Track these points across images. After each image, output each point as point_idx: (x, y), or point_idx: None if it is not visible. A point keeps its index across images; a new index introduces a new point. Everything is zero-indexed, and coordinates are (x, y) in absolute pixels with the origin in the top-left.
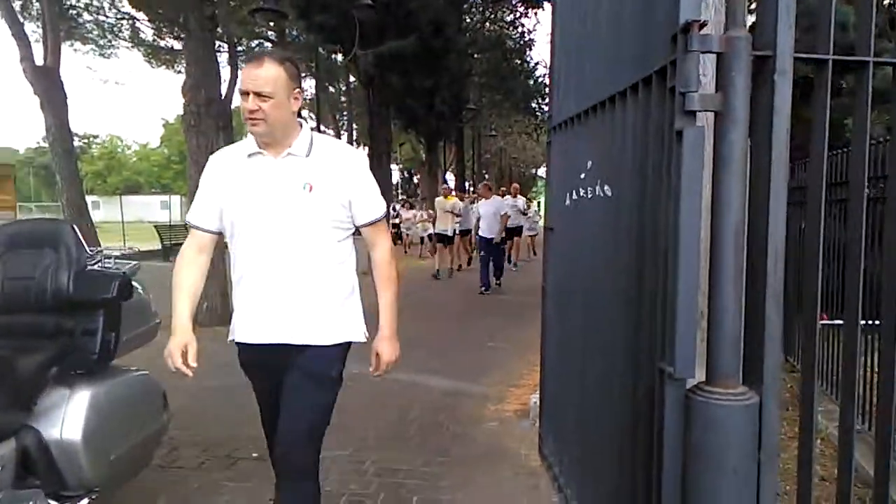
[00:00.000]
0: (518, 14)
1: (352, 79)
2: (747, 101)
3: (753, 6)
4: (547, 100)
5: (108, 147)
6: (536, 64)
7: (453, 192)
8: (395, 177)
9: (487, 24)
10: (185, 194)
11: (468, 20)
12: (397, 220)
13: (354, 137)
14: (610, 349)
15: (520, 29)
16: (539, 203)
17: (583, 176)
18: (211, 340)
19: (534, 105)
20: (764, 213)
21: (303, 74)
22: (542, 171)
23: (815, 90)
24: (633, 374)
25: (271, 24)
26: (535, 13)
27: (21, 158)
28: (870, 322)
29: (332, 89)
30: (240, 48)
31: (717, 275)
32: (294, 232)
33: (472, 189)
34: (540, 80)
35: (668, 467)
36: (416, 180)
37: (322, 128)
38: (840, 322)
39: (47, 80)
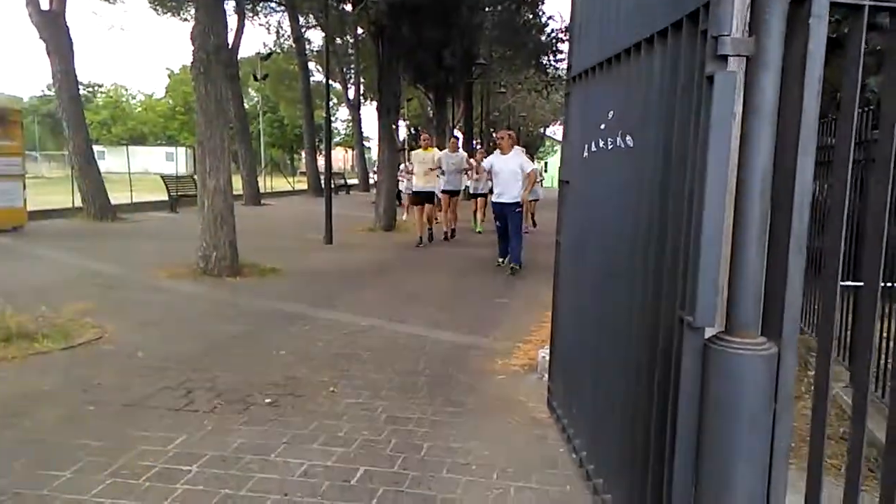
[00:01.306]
0: None
1: (360, 31)
2: (781, 45)
3: None
4: (558, 56)
5: (112, 96)
6: (549, 17)
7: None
8: (402, 133)
9: None
10: (191, 145)
11: None
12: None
13: (361, 91)
14: (628, 300)
15: None
16: (546, 164)
17: (603, 127)
18: (224, 290)
19: (544, 61)
20: (792, 162)
21: (311, 25)
22: (549, 131)
23: (849, 37)
24: (652, 325)
25: None
26: None
27: (26, 106)
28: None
29: (339, 41)
30: None
31: (741, 224)
32: None
33: (478, 146)
34: (552, 34)
35: (684, 415)
36: (422, 137)
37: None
38: (858, 284)
39: (53, 25)
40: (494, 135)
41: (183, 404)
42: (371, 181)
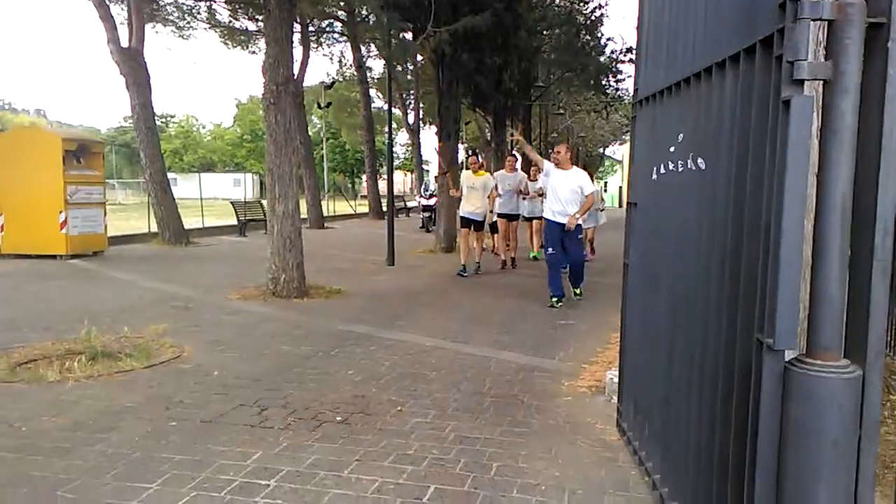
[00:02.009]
0: None
1: (419, 58)
2: (860, 69)
3: None
4: (618, 77)
5: (184, 126)
6: (609, 39)
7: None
8: (461, 156)
9: None
10: (257, 172)
11: None
12: (432, 202)
13: (420, 116)
14: (702, 323)
15: (590, 4)
16: (605, 183)
17: (672, 149)
18: (293, 311)
19: (604, 82)
20: (873, 185)
21: (373, 54)
22: (609, 151)
23: None
24: (729, 348)
25: (341, 3)
26: None
27: (104, 137)
28: None
29: (398, 68)
30: (311, 28)
31: (822, 246)
32: None
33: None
34: (612, 55)
35: (764, 440)
36: (480, 159)
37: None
38: None
39: (133, 61)
40: (551, 152)
41: (258, 421)
42: (416, 203)
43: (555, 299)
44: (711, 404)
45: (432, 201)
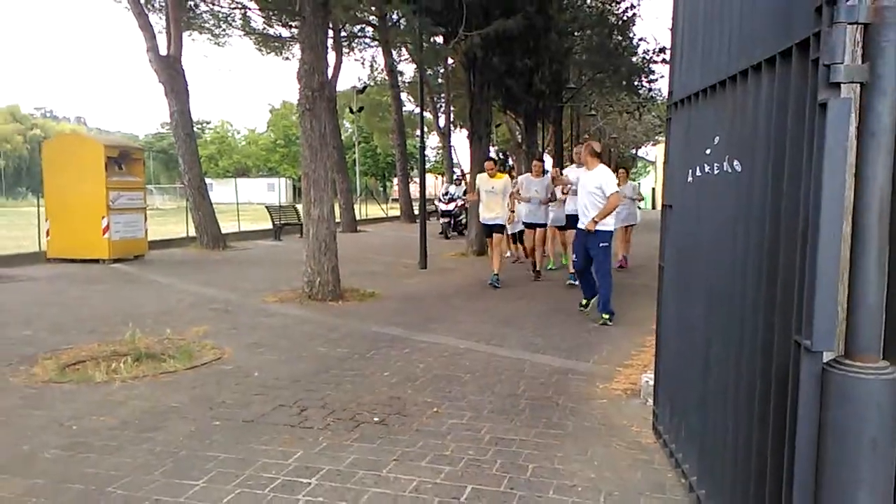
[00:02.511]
0: None
1: (450, 61)
2: None
3: None
4: (651, 77)
5: (219, 132)
6: (640, 40)
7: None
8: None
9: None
10: (290, 176)
11: None
12: (451, 207)
13: (451, 119)
14: (739, 325)
15: (622, 5)
16: (639, 185)
17: (708, 152)
18: (328, 314)
19: (636, 83)
20: None
21: (404, 59)
22: (642, 152)
23: None
24: (766, 350)
25: (373, 8)
26: None
27: (142, 144)
28: None
29: (429, 72)
30: (343, 33)
31: (860, 247)
32: None
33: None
34: (644, 56)
35: (802, 441)
36: (510, 162)
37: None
38: None
39: (171, 69)
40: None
41: (298, 421)
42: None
43: (584, 302)
44: (748, 406)
45: (451, 206)
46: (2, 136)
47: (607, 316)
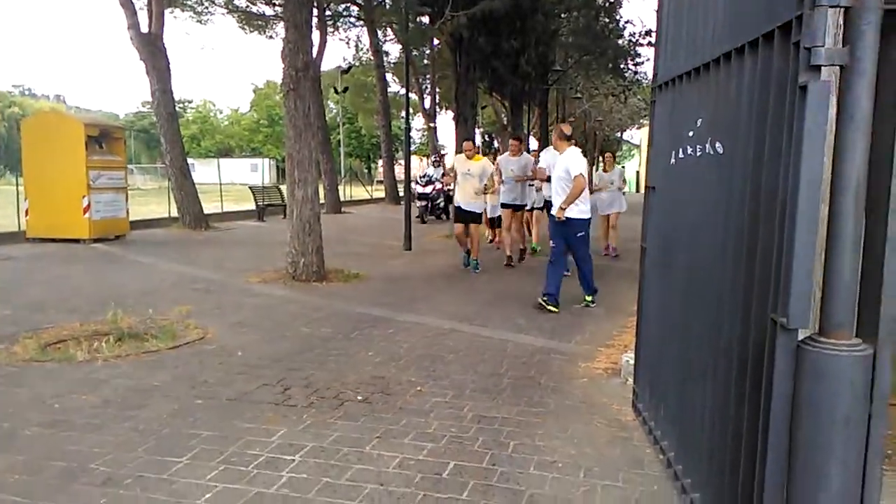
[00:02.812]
0: None
1: (436, 42)
2: (876, 54)
3: None
4: (636, 60)
5: (201, 112)
6: (627, 22)
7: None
8: (478, 140)
9: None
10: (274, 157)
11: None
12: (429, 190)
13: (437, 101)
14: (717, 304)
15: None
16: (623, 167)
17: (691, 134)
18: (312, 294)
19: (622, 65)
20: (888, 169)
21: (389, 39)
22: (627, 135)
23: None
24: (743, 328)
25: None
26: None
27: (122, 123)
28: None
29: (415, 52)
30: (328, 12)
31: (836, 227)
32: None
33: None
34: (630, 38)
35: (777, 416)
36: (496, 144)
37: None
38: None
39: (152, 47)
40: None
41: (282, 400)
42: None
43: (544, 298)
44: (726, 383)
45: (429, 189)
46: None
47: (590, 298)
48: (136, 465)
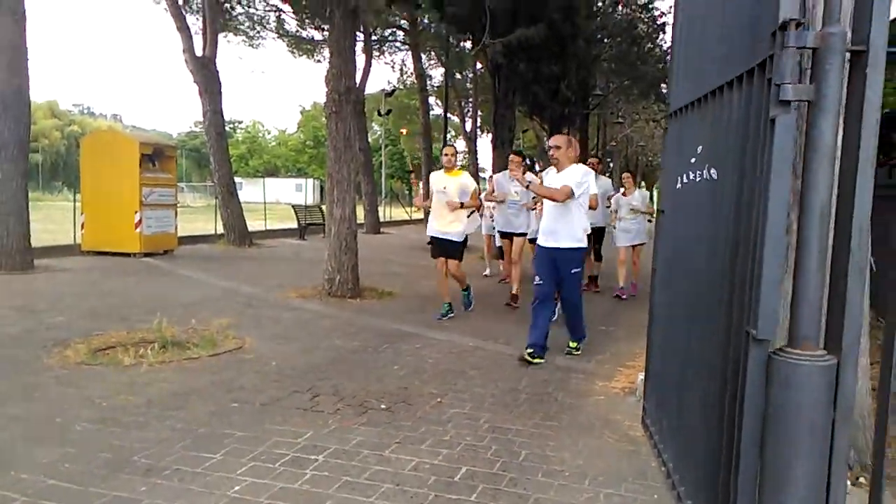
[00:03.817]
0: None
1: (478, 66)
2: (839, 92)
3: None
4: None
5: (250, 132)
6: (669, 47)
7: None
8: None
9: (620, 6)
10: (318, 177)
11: (599, 4)
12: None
13: (479, 125)
14: (708, 321)
15: (653, 12)
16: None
17: (693, 160)
18: (346, 310)
19: (663, 90)
20: (850, 193)
21: (433, 63)
22: None
23: None
24: (726, 343)
25: (404, 13)
26: None
27: (175, 142)
28: None
29: (458, 76)
30: (374, 37)
31: (803, 246)
32: None
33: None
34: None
35: (749, 423)
36: (537, 168)
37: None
38: None
39: (206, 70)
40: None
41: (310, 406)
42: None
43: (528, 352)
44: (713, 394)
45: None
46: (40, 132)
47: (575, 344)
48: (175, 458)
